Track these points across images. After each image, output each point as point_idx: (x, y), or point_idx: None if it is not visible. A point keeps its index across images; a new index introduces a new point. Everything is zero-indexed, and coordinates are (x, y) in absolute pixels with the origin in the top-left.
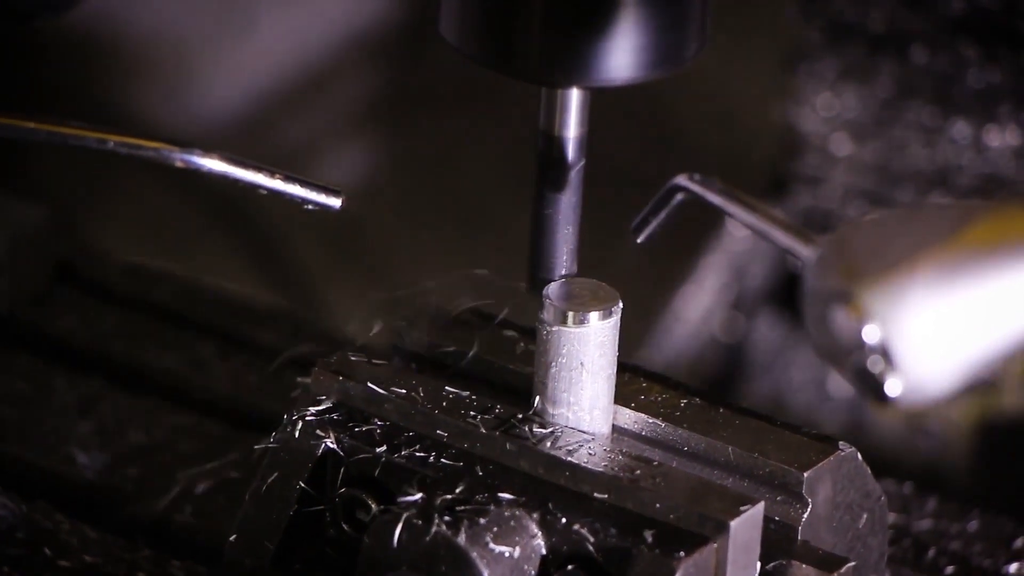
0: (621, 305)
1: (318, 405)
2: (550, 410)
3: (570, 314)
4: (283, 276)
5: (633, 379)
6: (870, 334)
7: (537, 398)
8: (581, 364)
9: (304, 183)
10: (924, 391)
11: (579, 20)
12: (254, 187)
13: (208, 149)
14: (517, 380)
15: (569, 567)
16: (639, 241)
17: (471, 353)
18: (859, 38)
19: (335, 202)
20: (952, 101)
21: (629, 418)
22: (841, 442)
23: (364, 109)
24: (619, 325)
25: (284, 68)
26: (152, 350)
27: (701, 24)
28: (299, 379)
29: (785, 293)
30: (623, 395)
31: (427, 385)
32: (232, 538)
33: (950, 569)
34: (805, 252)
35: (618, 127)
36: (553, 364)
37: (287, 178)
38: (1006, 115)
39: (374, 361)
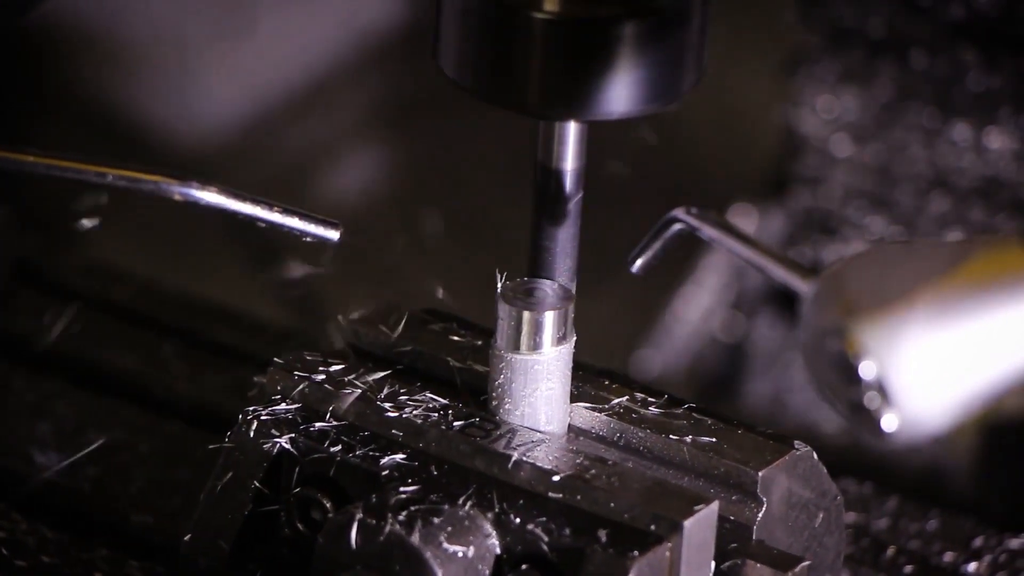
0: (573, 304)
1: (273, 404)
2: (506, 409)
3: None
4: (281, 281)
5: (589, 378)
6: (866, 370)
7: (493, 397)
8: (537, 364)
9: (303, 216)
10: (920, 426)
11: (577, 55)
12: (252, 219)
13: (206, 182)
14: (473, 379)
15: (523, 567)
16: (635, 272)
17: (427, 352)
18: (859, 42)
19: (333, 235)
20: (952, 104)
21: (585, 418)
22: (796, 441)
23: (365, 112)
24: (573, 326)
25: (285, 70)
26: (112, 349)
27: (698, 57)
28: (255, 378)
29: (785, 293)
30: (579, 394)
31: (382, 384)
32: (187, 538)
33: (909, 568)
34: (802, 287)
35: (618, 128)
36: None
37: (285, 211)
38: (1006, 118)
39: (330, 360)
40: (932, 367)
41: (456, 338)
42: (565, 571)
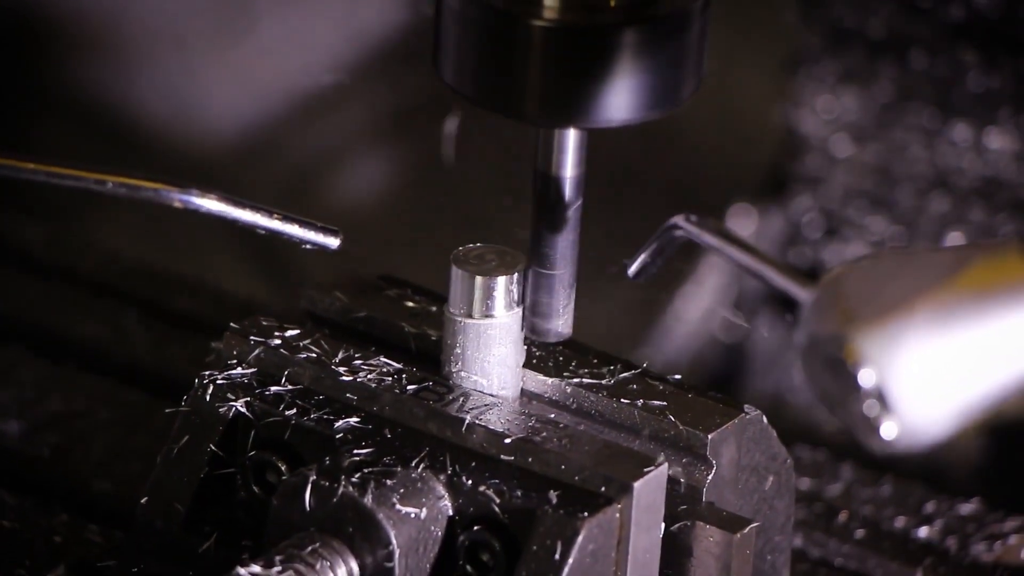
0: (524, 269)
1: (229, 369)
2: (459, 373)
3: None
4: (281, 277)
5: (542, 343)
6: (866, 378)
7: (446, 361)
8: (490, 328)
9: (302, 223)
10: (920, 434)
11: (576, 62)
12: (252, 227)
13: (206, 189)
14: (427, 344)
15: (475, 528)
16: (633, 279)
17: (381, 318)
18: (859, 43)
19: (333, 242)
20: (952, 104)
21: (538, 382)
22: (747, 405)
23: (366, 111)
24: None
25: (285, 70)
26: (73, 318)
27: (697, 64)
28: (212, 344)
29: (785, 293)
30: (532, 359)
31: (337, 349)
32: (143, 500)
33: (860, 533)
34: (801, 294)
35: (619, 127)
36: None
37: (285, 218)
38: (1006, 118)
39: (285, 325)
40: (931, 375)
41: (410, 304)
42: (516, 532)
